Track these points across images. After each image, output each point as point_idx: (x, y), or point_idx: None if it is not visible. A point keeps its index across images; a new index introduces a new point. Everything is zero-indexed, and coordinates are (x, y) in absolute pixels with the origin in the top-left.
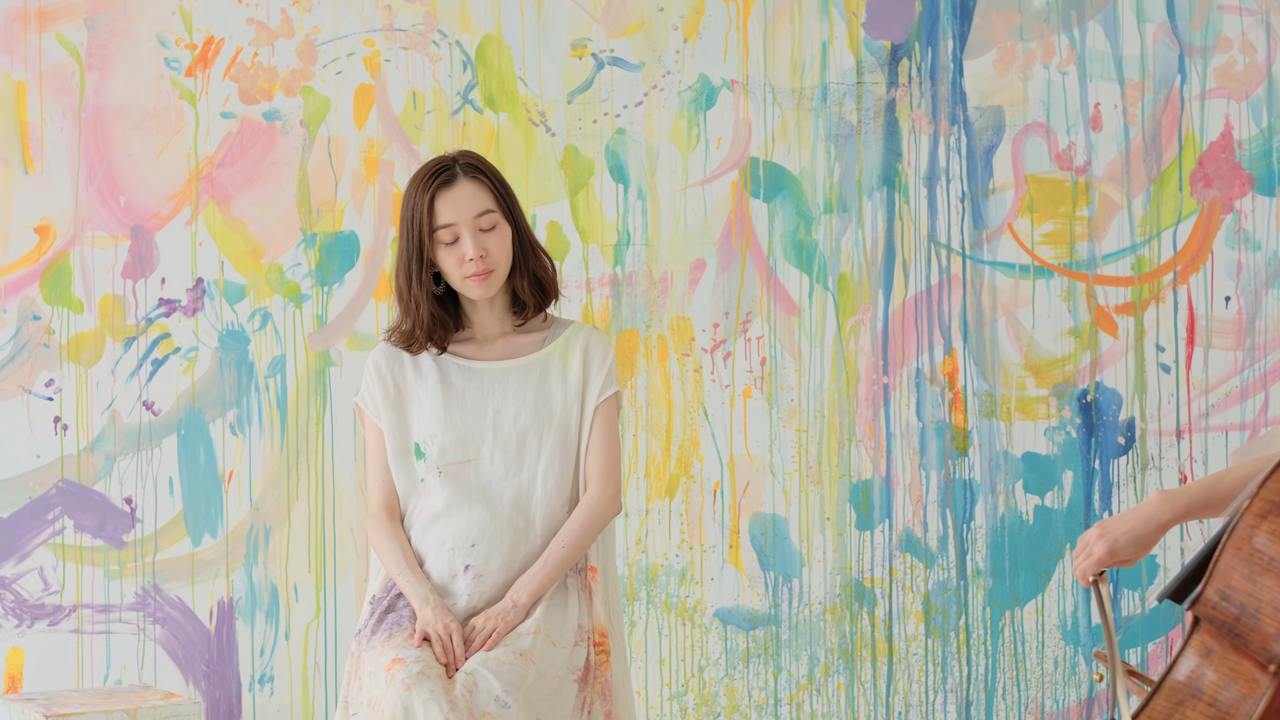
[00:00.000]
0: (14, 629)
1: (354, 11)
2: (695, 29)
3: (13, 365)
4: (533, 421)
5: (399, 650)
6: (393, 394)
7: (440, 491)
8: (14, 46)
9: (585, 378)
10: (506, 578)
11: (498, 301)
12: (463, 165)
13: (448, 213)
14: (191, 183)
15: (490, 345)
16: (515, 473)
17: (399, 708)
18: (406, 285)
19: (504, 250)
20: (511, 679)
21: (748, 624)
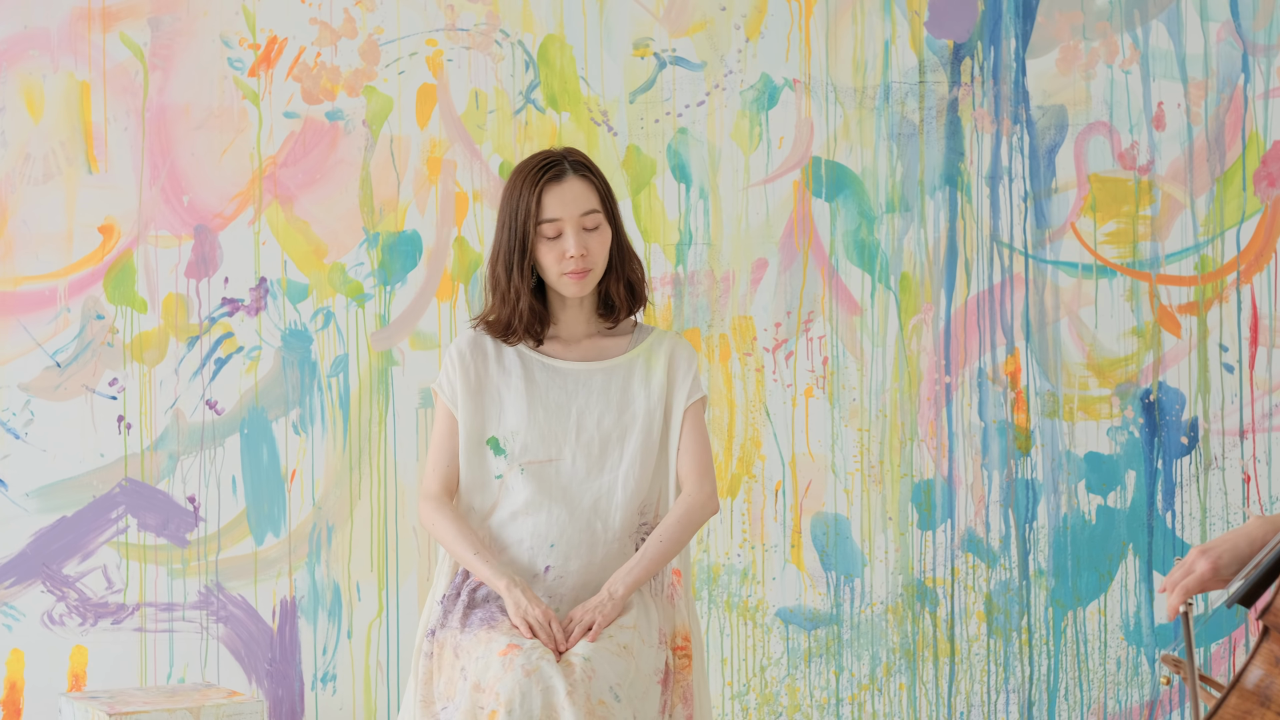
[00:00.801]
0: (78, 627)
1: (416, 11)
2: (757, 28)
3: (77, 364)
4: (615, 425)
5: (513, 636)
6: (474, 384)
7: (521, 490)
8: (78, 47)
9: (670, 383)
10: (586, 580)
11: (586, 302)
12: (571, 162)
13: (555, 207)
14: (254, 182)
15: (575, 345)
16: (596, 476)
17: (517, 693)
18: (506, 275)
19: (603, 251)
20: (619, 671)
21: (809, 624)
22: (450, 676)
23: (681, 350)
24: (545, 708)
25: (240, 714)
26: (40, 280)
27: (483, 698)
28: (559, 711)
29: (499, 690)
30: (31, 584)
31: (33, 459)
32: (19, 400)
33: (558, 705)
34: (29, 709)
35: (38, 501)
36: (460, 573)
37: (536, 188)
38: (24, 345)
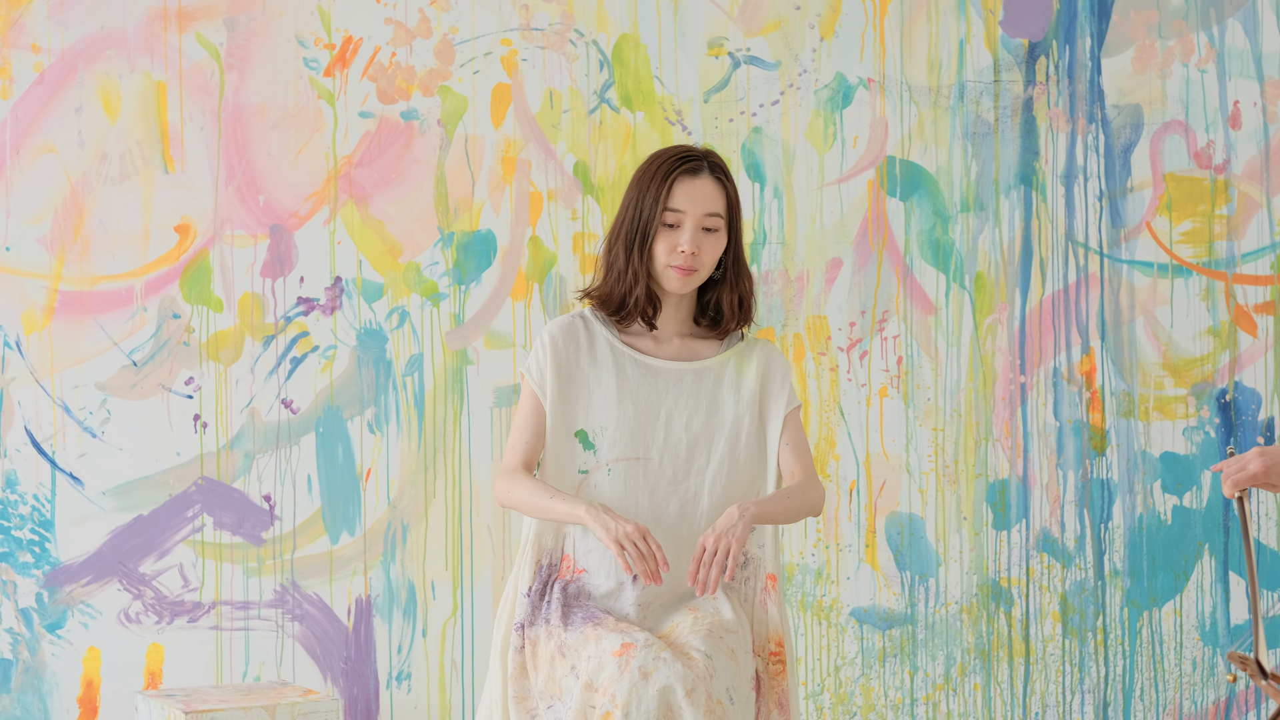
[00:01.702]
0: (154, 625)
1: (491, 11)
2: (832, 27)
3: (153, 364)
4: (703, 429)
5: (624, 634)
6: (564, 372)
7: (608, 491)
8: (154, 47)
9: (764, 392)
10: (673, 587)
11: (685, 304)
12: (710, 163)
13: (682, 199)
14: (330, 182)
15: (667, 344)
16: (683, 479)
17: (634, 696)
18: (625, 255)
19: (714, 256)
20: (732, 674)
21: (884, 623)
22: (550, 674)
23: (775, 359)
24: (662, 708)
25: (316, 712)
26: (117, 280)
27: (596, 697)
28: (678, 712)
29: (614, 692)
30: (108, 582)
31: (110, 457)
32: (96, 399)
33: (677, 705)
34: (105, 707)
35: (114, 500)
36: (545, 566)
37: (670, 177)
38: (101, 344)
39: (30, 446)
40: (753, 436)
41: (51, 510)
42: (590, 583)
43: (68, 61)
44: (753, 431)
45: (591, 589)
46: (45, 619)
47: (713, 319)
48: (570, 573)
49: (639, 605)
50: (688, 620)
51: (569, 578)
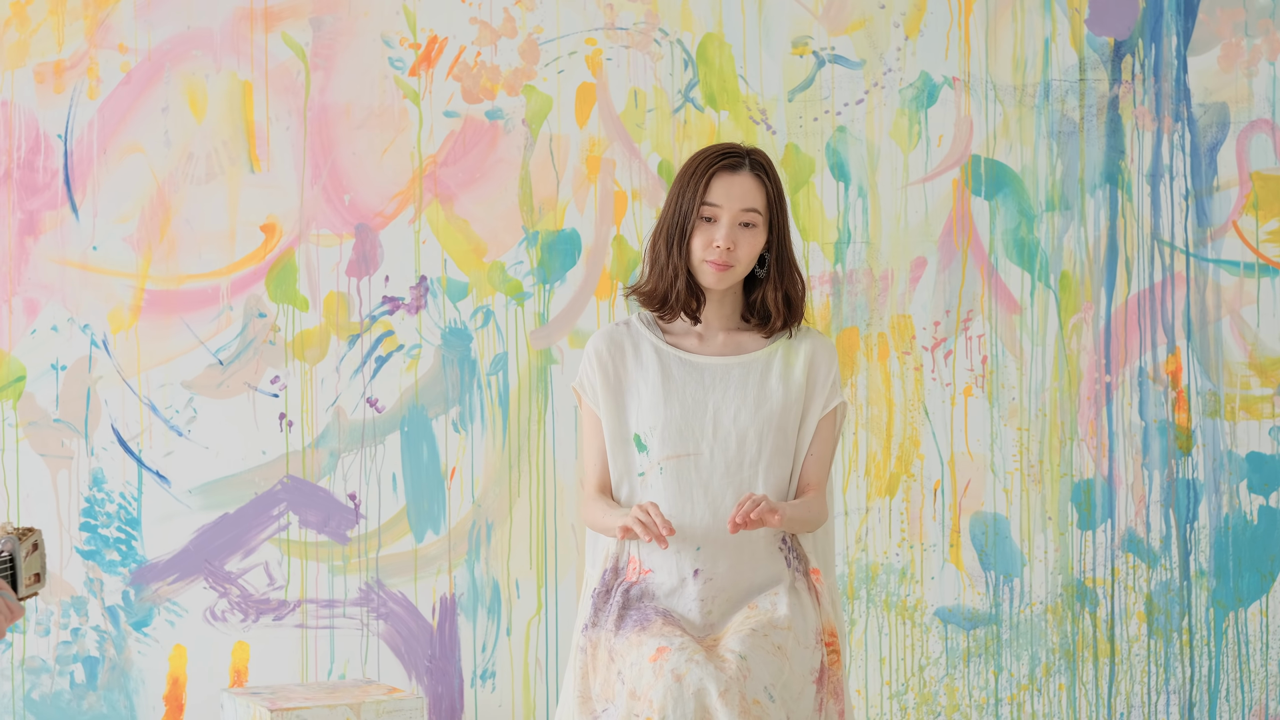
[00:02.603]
0: (240, 624)
1: (576, 10)
2: (916, 26)
3: (239, 362)
4: (752, 421)
5: (662, 638)
6: (613, 381)
7: (662, 489)
8: (240, 46)
9: (810, 385)
10: (736, 579)
11: (728, 301)
12: (752, 160)
13: (719, 194)
14: (415, 181)
15: (712, 340)
16: (736, 471)
17: (669, 700)
18: (666, 251)
19: (750, 253)
20: (774, 672)
21: (968, 623)
22: (606, 678)
23: (822, 351)
24: (699, 710)
25: (400, 710)
26: (203, 279)
27: (638, 705)
28: (713, 713)
29: (651, 698)
30: (194, 580)
31: (196, 456)
32: (182, 398)
33: (711, 707)
34: (191, 705)
35: (200, 498)
36: (610, 568)
37: (709, 172)
38: (187, 343)
39: (117, 445)
40: (800, 427)
41: (138, 508)
42: (654, 582)
43: (154, 61)
44: (801, 422)
45: (655, 588)
46: (132, 617)
47: (761, 317)
48: (636, 574)
49: (701, 600)
50: (738, 620)
51: (635, 579)
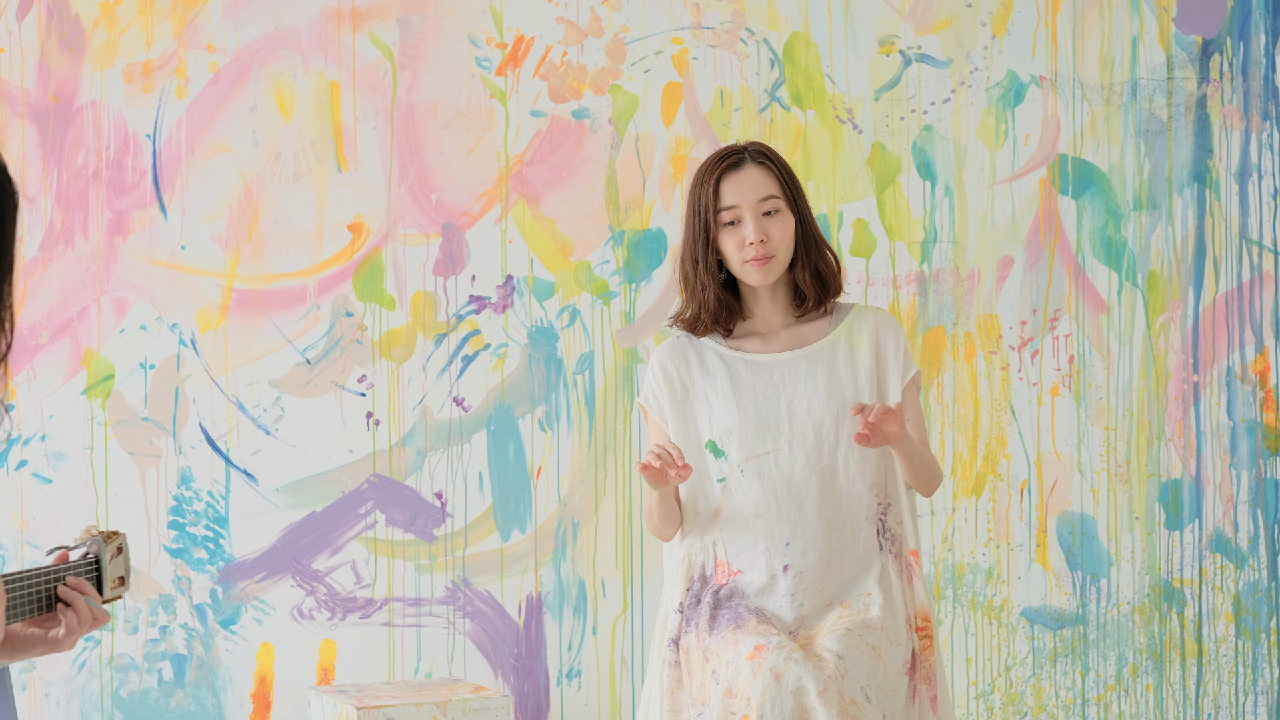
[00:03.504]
0: (327, 622)
1: (662, 10)
2: (1004, 25)
3: (326, 361)
4: (827, 409)
5: (759, 636)
6: (680, 393)
7: (746, 491)
8: (328, 46)
9: (880, 364)
10: (827, 571)
11: (780, 293)
12: (751, 152)
13: (731, 195)
14: (501, 181)
15: (775, 338)
16: (816, 461)
17: (767, 698)
18: (693, 268)
19: (785, 237)
20: (870, 672)
21: (1055, 623)
22: (701, 680)
23: (886, 327)
24: (796, 709)
25: (487, 709)
26: (290, 278)
27: (734, 703)
28: (811, 712)
29: (749, 696)
30: (281, 578)
31: (283, 454)
32: (270, 396)
33: (809, 706)
34: (278, 702)
35: (288, 497)
36: (697, 579)
37: (714, 177)
38: (275, 342)
39: (205, 444)
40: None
41: (226, 507)
42: (744, 581)
43: (242, 61)
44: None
45: (744, 587)
46: (220, 615)
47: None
48: (726, 576)
49: (792, 595)
50: (831, 619)
51: (724, 581)
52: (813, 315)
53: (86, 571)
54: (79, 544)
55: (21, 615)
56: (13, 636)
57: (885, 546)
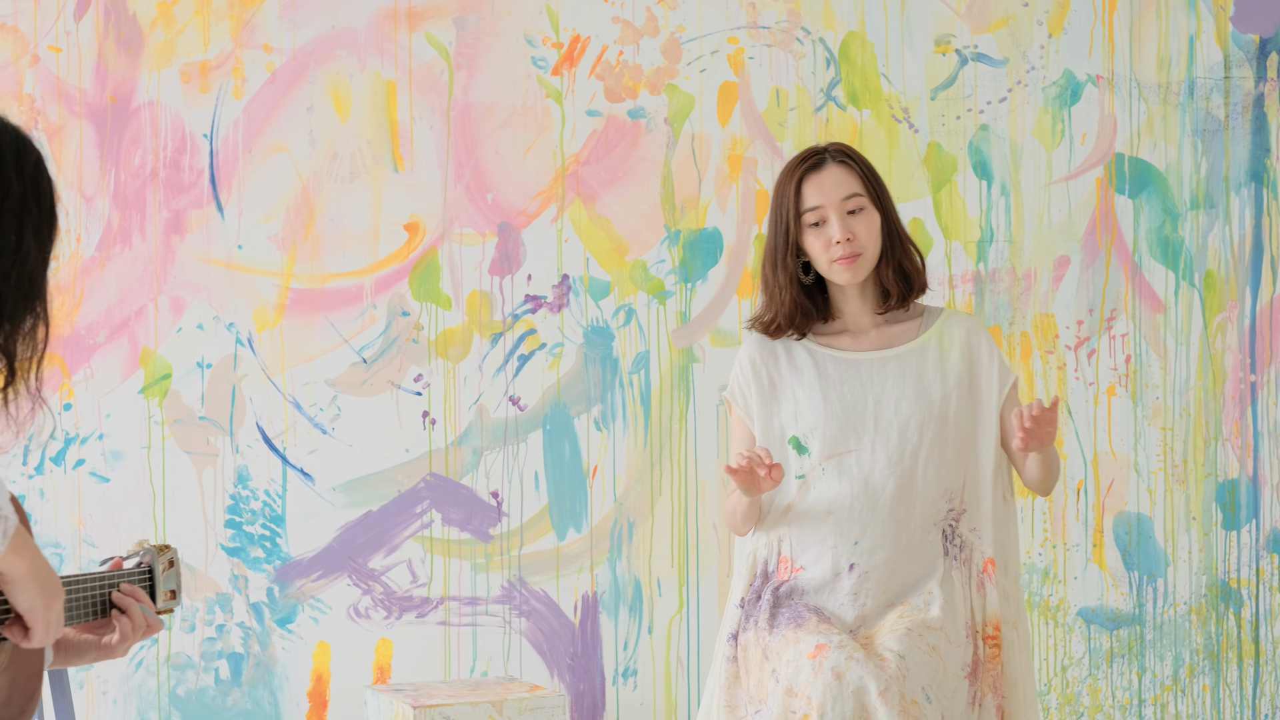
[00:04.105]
0: (383, 620)
1: (718, 9)
2: (1060, 24)
3: (382, 360)
4: (913, 411)
5: (820, 635)
6: (766, 388)
7: (823, 488)
8: (384, 46)
9: (972, 370)
10: (893, 572)
11: (869, 291)
12: (832, 152)
13: (814, 195)
14: (557, 180)
15: (864, 336)
16: (897, 462)
17: (828, 697)
18: (772, 271)
19: (871, 235)
20: (930, 673)
21: (1111, 623)
22: (759, 678)
23: (978, 334)
24: (857, 709)
25: (542, 708)
26: (347, 277)
27: (795, 702)
28: (872, 712)
29: (810, 695)
30: (338, 577)
31: (340, 454)
32: (326, 396)
33: (870, 705)
34: (335, 701)
35: (344, 496)
36: (759, 574)
37: (795, 179)
38: (331, 341)
39: (262, 443)
40: (962, 416)
41: (282, 506)
42: (805, 578)
43: (299, 61)
44: (961, 411)
45: (805, 584)
46: (276, 613)
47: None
48: (788, 573)
49: (854, 594)
50: (891, 619)
51: (785, 578)
52: (902, 316)
53: (140, 581)
54: (132, 554)
55: (76, 619)
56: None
57: (951, 552)
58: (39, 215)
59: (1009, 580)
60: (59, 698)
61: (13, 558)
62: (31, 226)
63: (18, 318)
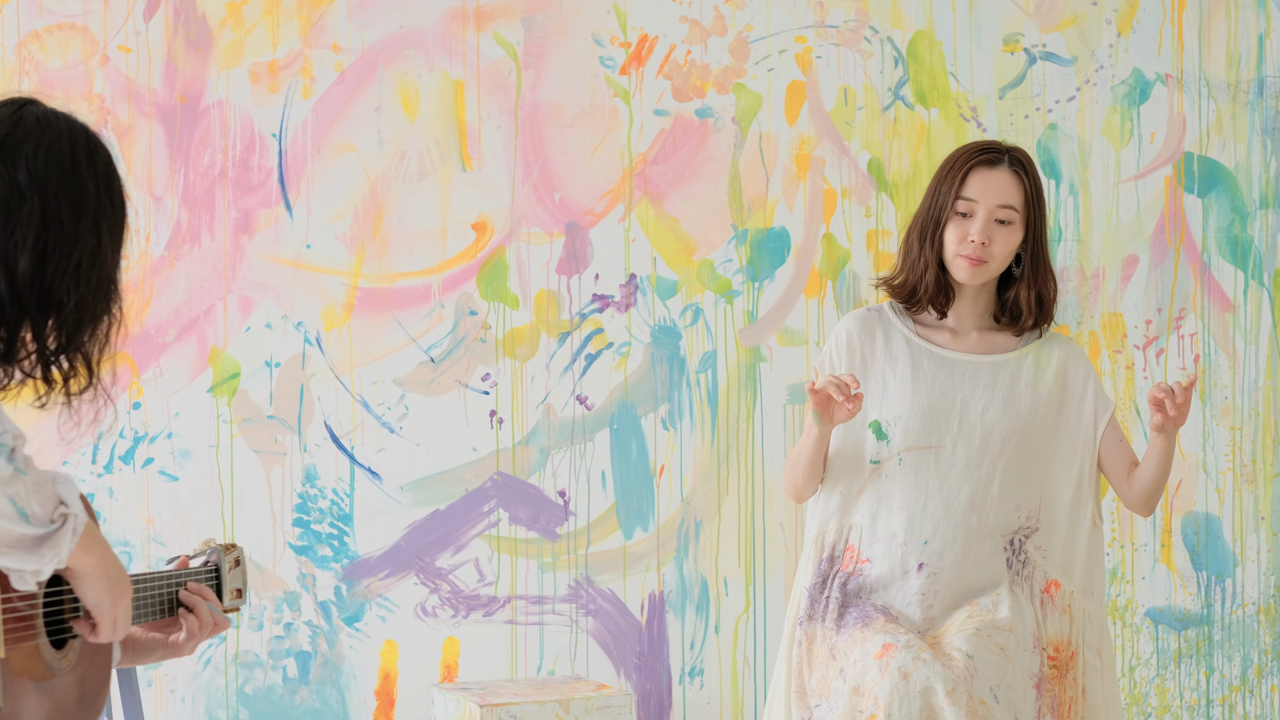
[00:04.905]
0: (450, 619)
1: (786, 9)
2: (1129, 22)
3: (450, 360)
4: (999, 419)
5: (887, 635)
6: (859, 365)
7: (898, 480)
8: (453, 46)
9: (1064, 392)
10: (961, 575)
11: (982, 299)
12: (1011, 157)
13: (975, 189)
14: (625, 180)
15: (965, 337)
16: (975, 467)
17: (895, 697)
18: (919, 244)
19: (1005, 250)
20: (999, 673)
21: (1179, 624)
22: (824, 674)
23: (1076, 358)
24: (925, 709)
25: (609, 707)
26: (415, 277)
27: (862, 702)
28: (940, 712)
29: (877, 694)
30: (405, 576)
31: (407, 453)
32: (394, 395)
33: (938, 706)
34: (402, 699)
35: (412, 495)
36: (825, 559)
37: (967, 167)
38: (399, 341)
39: (330, 442)
40: (1045, 435)
41: (350, 505)
42: (872, 574)
43: (367, 61)
44: (1045, 430)
45: (873, 582)
46: (344, 612)
47: (1013, 316)
48: (853, 564)
49: (922, 595)
50: (959, 619)
51: (851, 569)
52: (1004, 327)
53: (207, 579)
54: (198, 553)
55: (143, 617)
56: (133, 640)
57: (1014, 567)
58: (113, 215)
59: (1094, 605)
60: (127, 695)
61: (82, 554)
62: (108, 227)
63: (98, 319)
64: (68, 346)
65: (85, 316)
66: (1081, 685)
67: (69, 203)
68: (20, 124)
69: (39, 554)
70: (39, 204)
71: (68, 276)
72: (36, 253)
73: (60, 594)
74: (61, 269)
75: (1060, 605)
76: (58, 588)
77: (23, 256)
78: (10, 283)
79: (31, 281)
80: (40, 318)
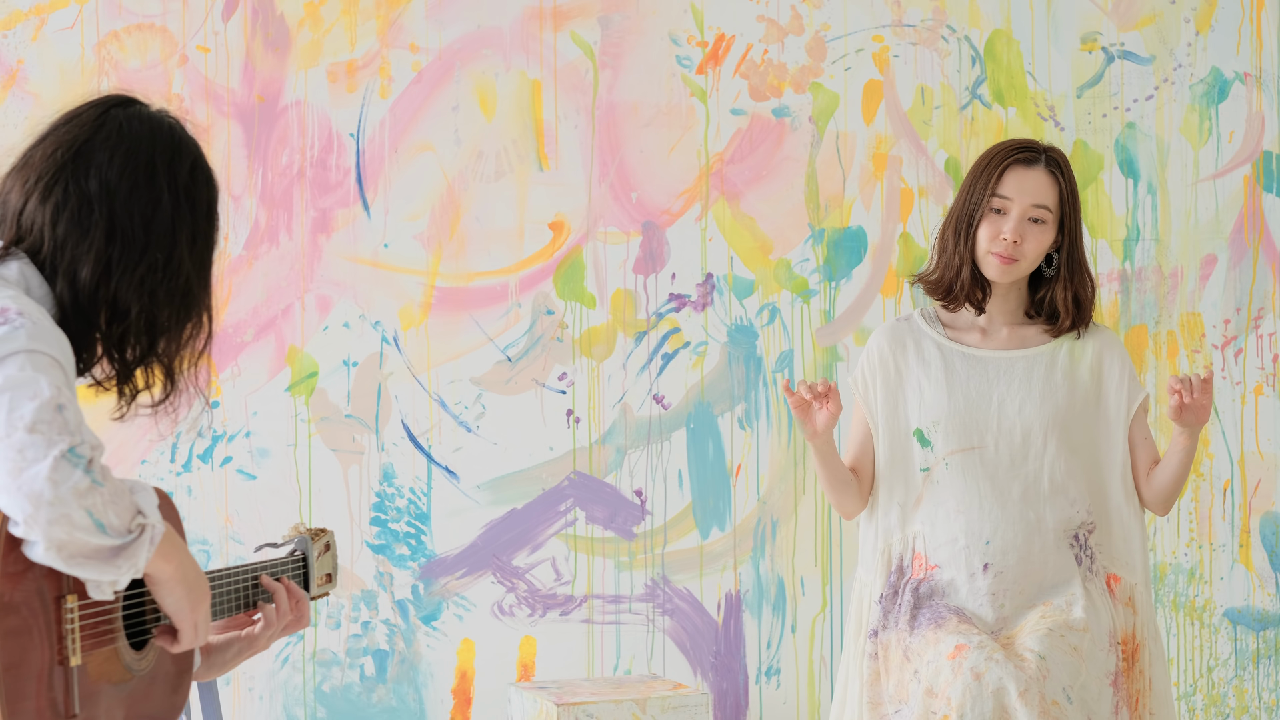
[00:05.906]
0: (527, 618)
1: (863, 8)
2: (1208, 21)
3: (527, 359)
4: (1038, 414)
5: (960, 635)
6: (893, 378)
7: (949, 485)
8: (530, 45)
9: (1100, 383)
10: (1027, 572)
11: (1012, 297)
12: (1048, 157)
13: (1011, 187)
14: (701, 179)
15: (996, 335)
16: (1021, 464)
17: (968, 698)
18: (954, 239)
19: (1037, 250)
20: (1072, 674)
21: (1258, 624)
22: (900, 679)
23: (1111, 348)
24: (997, 710)
25: (686, 706)
26: (492, 276)
27: (935, 703)
28: (1012, 713)
29: (950, 695)
30: (482, 575)
31: (484, 452)
32: (471, 394)
33: (1010, 706)
34: (479, 698)
35: (488, 494)
36: (895, 569)
37: (1003, 164)
38: (476, 340)
39: (407, 440)
40: (1085, 427)
41: (427, 503)
42: (943, 578)
43: (445, 61)
44: (1085, 422)
45: (944, 585)
46: (421, 611)
47: (1048, 317)
48: (923, 570)
49: (992, 595)
50: (1033, 619)
51: (921, 576)
52: (1037, 320)
53: (293, 569)
54: (286, 541)
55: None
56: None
57: (1084, 563)
58: (194, 221)
59: (1138, 597)
60: (205, 693)
61: (160, 561)
62: (186, 237)
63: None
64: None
65: (157, 327)
66: (1149, 676)
67: (140, 214)
68: (100, 130)
69: (115, 565)
70: (107, 214)
71: (132, 288)
72: (101, 264)
73: (141, 595)
74: (126, 281)
75: (1122, 599)
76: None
77: (84, 267)
78: (74, 293)
79: (94, 292)
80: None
